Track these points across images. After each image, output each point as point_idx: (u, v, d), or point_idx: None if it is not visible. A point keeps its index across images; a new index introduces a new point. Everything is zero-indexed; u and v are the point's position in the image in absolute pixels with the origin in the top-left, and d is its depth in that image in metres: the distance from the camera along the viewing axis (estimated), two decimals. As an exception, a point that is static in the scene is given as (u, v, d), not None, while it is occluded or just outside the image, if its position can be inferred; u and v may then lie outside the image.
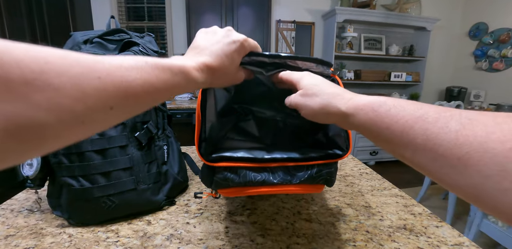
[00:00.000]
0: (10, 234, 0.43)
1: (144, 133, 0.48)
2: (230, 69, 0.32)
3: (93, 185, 0.44)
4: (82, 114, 0.16)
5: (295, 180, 0.36)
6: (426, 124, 0.19)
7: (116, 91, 0.18)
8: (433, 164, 0.19)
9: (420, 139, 0.19)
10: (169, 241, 0.41)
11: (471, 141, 0.16)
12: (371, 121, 0.24)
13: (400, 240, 0.42)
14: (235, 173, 0.36)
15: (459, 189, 0.17)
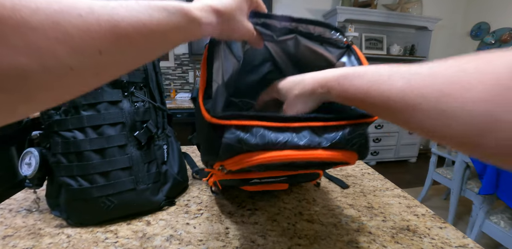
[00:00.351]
0: (8, 234, 0.43)
1: (144, 133, 0.47)
2: (238, 16, 0.29)
3: (92, 185, 0.43)
4: (68, 58, 0.15)
5: (325, 143, 0.29)
6: (379, 85, 0.23)
7: (103, 31, 0.16)
8: (400, 117, 0.22)
9: (378, 100, 0.23)
10: (168, 242, 0.41)
11: (415, 92, 0.20)
12: (341, 94, 0.27)
13: (403, 242, 0.42)
14: (250, 132, 0.28)
15: (421, 130, 0.21)
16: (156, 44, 0.21)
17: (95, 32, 0.16)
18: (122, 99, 0.45)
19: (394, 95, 0.21)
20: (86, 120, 0.43)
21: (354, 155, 0.31)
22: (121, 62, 0.19)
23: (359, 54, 0.37)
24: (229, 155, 0.29)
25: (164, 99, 0.55)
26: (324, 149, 0.29)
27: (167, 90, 2.86)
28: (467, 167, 1.57)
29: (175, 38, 0.23)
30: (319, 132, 0.29)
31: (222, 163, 0.31)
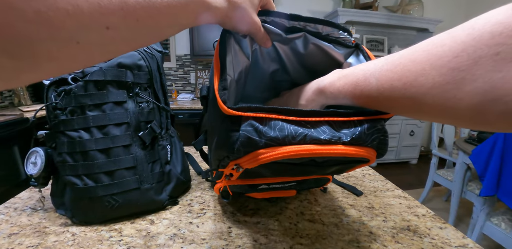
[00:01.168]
0: (13, 232, 0.43)
1: (148, 133, 0.48)
2: (248, 7, 0.29)
3: (97, 184, 0.44)
4: (75, 32, 0.15)
5: (345, 138, 0.28)
6: (359, 87, 0.27)
7: (113, 7, 0.16)
8: (384, 108, 0.27)
9: (361, 98, 0.28)
10: (172, 241, 0.41)
11: (389, 83, 0.24)
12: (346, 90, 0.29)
13: (404, 241, 0.42)
14: (268, 125, 0.26)
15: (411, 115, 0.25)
16: (163, 24, 0.21)
17: (105, 8, 0.16)
18: (127, 99, 0.46)
19: (373, 93, 0.25)
20: (92, 120, 0.44)
21: (374, 152, 0.30)
22: (128, 39, 0.19)
23: (369, 53, 0.37)
24: (247, 149, 0.27)
25: (167, 100, 0.56)
26: (345, 144, 0.28)
27: (169, 91, 2.87)
28: (468, 169, 1.57)
29: (184, 20, 0.23)
30: (338, 127, 0.28)
31: (237, 162, 0.29)
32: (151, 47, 0.53)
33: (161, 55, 0.55)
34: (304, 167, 0.32)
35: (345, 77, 0.29)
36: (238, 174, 0.32)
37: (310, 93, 0.34)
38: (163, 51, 0.56)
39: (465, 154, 1.53)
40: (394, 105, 0.25)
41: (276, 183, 0.43)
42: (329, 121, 0.28)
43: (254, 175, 0.38)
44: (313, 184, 0.48)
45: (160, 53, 0.55)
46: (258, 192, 0.47)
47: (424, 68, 0.20)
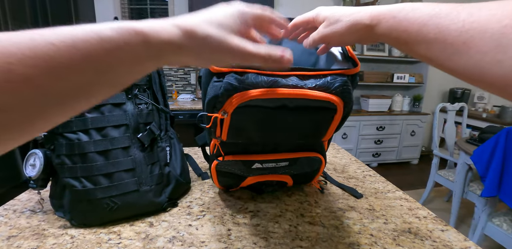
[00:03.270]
0: (12, 234, 0.43)
1: (147, 134, 0.48)
2: (212, 30, 0.22)
3: (96, 186, 0.44)
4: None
5: (310, 84, 0.35)
6: (438, 19, 0.21)
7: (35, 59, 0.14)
8: (442, 54, 0.22)
9: (432, 33, 0.22)
10: (171, 244, 0.41)
11: (475, 26, 0.19)
12: (392, 27, 0.26)
13: (405, 244, 0.42)
14: (245, 76, 0.34)
15: (463, 71, 0.20)
16: (84, 83, 0.17)
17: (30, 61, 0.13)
18: (125, 101, 0.46)
19: (453, 29, 0.20)
20: (90, 122, 0.43)
21: (339, 98, 0.36)
22: (36, 118, 0.16)
23: (348, 48, 0.42)
24: (229, 93, 0.34)
25: (167, 101, 0.55)
26: (310, 88, 0.34)
27: (169, 92, 2.87)
28: (469, 169, 1.56)
29: (116, 69, 0.18)
30: (304, 78, 0.35)
31: (223, 108, 0.36)
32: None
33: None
34: (280, 115, 0.37)
35: (418, 9, 0.24)
36: (226, 126, 0.38)
37: (364, 17, 0.28)
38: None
39: (467, 155, 1.52)
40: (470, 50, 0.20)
41: (269, 162, 0.46)
42: (297, 74, 0.35)
43: (242, 135, 0.41)
44: (306, 165, 0.49)
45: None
46: (253, 175, 0.49)
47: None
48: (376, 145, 2.94)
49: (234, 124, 0.38)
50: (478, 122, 2.66)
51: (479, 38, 0.18)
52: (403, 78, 3.03)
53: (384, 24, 0.26)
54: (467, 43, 0.19)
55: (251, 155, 0.45)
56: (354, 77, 0.38)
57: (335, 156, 0.83)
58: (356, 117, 2.80)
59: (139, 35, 0.19)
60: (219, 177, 0.51)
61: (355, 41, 0.32)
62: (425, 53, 0.23)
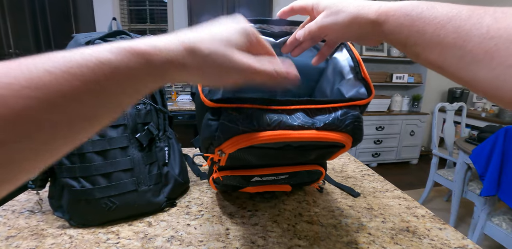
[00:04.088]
0: (11, 235, 0.43)
1: (145, 134, 0.48)
2: (224, 50, 0.21)
3: (94, 186, 0.44)
4: None
5: (318, 123, 0.30)
6: (458, 22, 0.19)
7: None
8: (458, 62, 0.19)
9: (450, 37, 0.19)
10: (169, 243, 0.41)
11: (501, 33, 0.16)
12: (402, 26, 0.23)
13: (403, 243, 0.42)
14: (245, 113, 0.30)
15: (480, 84, 0.18)
16: (84, 111, 0.16)
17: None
18: (124, 101, 0.46)
19: (475, 35, 0.18)
20: (89, 122, 0.43)
21: (349, 137, 0.32)
22: (28, 155, 0.14)
23: (352, 47, 0.40)
24: (226, 136, 0.30)
25: (165, 101, 0.56)
26: (318, 129, 0.30)
27: (168, 92, 2.88)
28: (469, 169, 1.57)
29: (117, 93, 0.17)
30: (312, 114, 0.31)
31: (219, 148, 0.32)
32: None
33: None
34: (284, 152, 0.34)
35: (434, 8, 0.21)
36: (224, 159, 0.34)
37: (371, 11, 0.26)
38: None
39: (466, 154, 1.53)
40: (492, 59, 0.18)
41: (268, 175, 0.44)
42: (304, 108, 0.31)
43: (241, 162, 0.39)
44: (306, 177, 0.48)
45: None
46: (252, 186, 0.48)
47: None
48: (375, 145, 2.95)
49: (233, 157, 0.35)
50: (477, 121, 2.66)
51: (505, 48, 0.16)
52: (402, 78, 3.03)
53: (393, 22, 0.23)
54: (490, 53, 0.17)
55: (251, 170, 0.44)
56: (366, 106, 0.34)
57: (333, 156, 0.83)
58: (356, 117, 2.80)
59: (140, 56, 0.18)
60: (217, 186, 0.50)
61: (355, 38, 0.28)
62: (437, 59, 0.21)
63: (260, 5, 2.59)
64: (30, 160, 0.14)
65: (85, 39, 0.53)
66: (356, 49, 0.40)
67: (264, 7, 2.60)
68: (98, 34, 0.54)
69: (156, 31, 2.83)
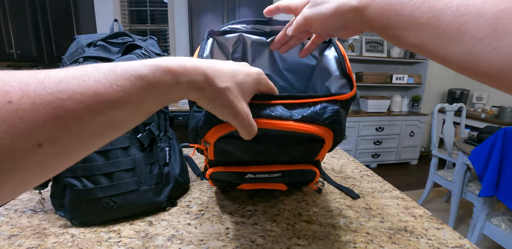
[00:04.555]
0: (13, 234, 0.44)
1: (146, 135, 0.48)
2: (231, 85, 0.25)
3: (96, 186, 0.44)
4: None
5: (297, 116, 0.31)
6: (432, 2, 0.20)
7: (42, 119, 0.13)
8: (434, 41, 0.20)
9: (425, 17, 0.20)
10: (170, 242, 0.42)
11: (469, 10, 0.17)
12: (381, 10, 0.24)
13: (400, 242, 0.42)
14: None
15: (455, 59, 0.19)
16: (122, 118, 0.18)
17: (30, 122, 0.13)
18: (125, 102, 0.47)
19: (447, 14, 0.18)
20: (91, 123, 0.44)
21: (328, 130, 0.32)
22: (73, 149, 0.16)
23: (340, 47, 0.42)
24: (208, 126, 0.32)
25: (166, 102, 0.56)
26: (296, 121, 0.31)
27: (169, 93, 2.88)
28: (468, 169, 1.57)
29: (149, 104, 0.20)
30: (291, 108, 0.32)
31: (204, 138, 0.34)
32: (149, 50, 0.53)
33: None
34: (265, 145, 0.35)
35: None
36: (211, 151, 0.37)
37: (346, 14, 0.27)
38: (162, 54, 0.57)
39: (465, 155, 1.53)
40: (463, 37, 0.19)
41: (261, 173, 0.45)
42: (284, 103, 0.31)
43: (229, 157, 0.40)
44: (299, 176, 0.48)
45: (159, 56, 0.56)
46: (247, 183, 0.49)
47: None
48: (375, 145, 2.95)
49: (219, 149, 0.37)
50: (477, 122, 2.67)
51: (474, 24, 0.17)
52: (402, 79, 3.04)
53: (373, 6, 0.25)
54: (461, 29, 0.18)
55: (243, 166, 0.44)
56: (349, 101, 0.34)
57: (333, 156, 0.84)
58: (355, 118, 2.81)
59: (171, 74, 0.21)
60: (214, 181, 0.51)
61: (339, 27, 0.29)
62: (415, 40, 0.22)
63: (260, 5, 2.59)
64: (72, 150, 0.16)
65: (87, 41, 0.54)
66: (356, 50, 0.41)
67: (264, 7, 2.61)
68: (99, 35, 0.55)
69: (156, 31, 2.84)
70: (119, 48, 0.53)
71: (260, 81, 0.29)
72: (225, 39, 0.44)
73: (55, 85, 0.14)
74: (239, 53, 0.47)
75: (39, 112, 0.13)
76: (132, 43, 0.51)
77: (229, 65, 0.26)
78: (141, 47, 0.52)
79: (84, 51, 0.51)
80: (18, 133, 0.13)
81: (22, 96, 0.13)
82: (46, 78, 0.14)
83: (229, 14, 2.56)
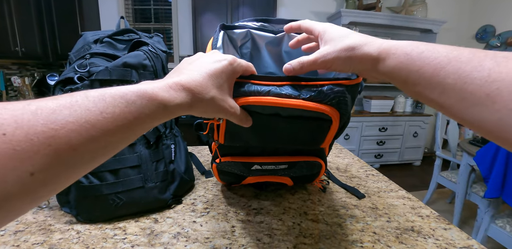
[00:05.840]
0: (19, 229, 0.44)
1: (152, 132, 0.48)
2: (215, 92, 0.27)
3: (102, 183, 0.44)
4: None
5: (305, 95, 0.32)
6: (459, 63, 0.19)
7: (36, 148, 0.14)
8: (460, 103, 0.19)
9: (451, 78, 0.19)
10: (176, 239, 0.42)
11: (503, 77, 0.16)
12: (402, 65, 0.23)
13: (408, 242, 0.42)
14: (239, 85, 0.33)
15: (483, 125, 0.18)
16: (112, 142, 0.19)
17: (24, 152, 0.13)
18: (132, 99, 0.46)
19: (476, 78, 0.17)
20: (97, 119, 0.44)
21: (334, 110, 0.33)
22: (65, 175, 0.16)
23: None
24: None
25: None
26: (304, 99, 0.32)
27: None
28: (472, 171, 1.56)
29: (139, 130, 0.21)
30: (299, 88, 0.33)
31: None
32: (156, 47, 0.53)
33: (166, 55, 0.56)
34: (276, 123, 0.36)
35: (434, 50, 0.21)
36: (222, 131, 0.38)
37: (364, 62, 0.27)
38: (168, 51, 0.57)
39: (470, 156, 1.52)
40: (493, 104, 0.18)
41: (268, 164, 0.46)
42: (292, 84, 0.33)
43: (238, 139, 0.41)
44: (305, 169, 0.48)
45: (165, 53, 0.55)
46: (253, 176, 0.50)
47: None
48: (378, 146, 2.94)
49: (230, 129, 0.38)
50: (481, 123, 2.64)
51: (508, 93, 0.16)
52: (406, 79, 3.01)
53: (394, 60, 0.24)
54: (492, 96, 0.17)
55: (250, 157, 0.45)
56: (354, 87, 0.35)
57: (337, 156, 0.84)
58: (359, 118, 2.80)
59: (159, 101, 0.22)
60: (221, 175, 0.52)
61: (356, 72, 0.30)
62: (437, 99, 0.20)
63: (264, 4, 2.59)
64: (63, 177, 0.17)
65: (93, 37, 0.54)
66: None
67: (268, 6, 2.60)
68: (106, 32, 0.55)
69: (160, 30, 2.84)
70: (125, 45, 0.53)
71: (235, 70, 0.30)
72: (234, 33, 0.45)
73: (47, 115, 0.15)
74: (247, 48, 0.48)
75: (32, 142, 0.14)
76: (138, 40, 0.51)
77: (204, 68, 0.27)
78: (148, 44, 0.52)
79: (90, 47, 0.51)
80: (12, 163, 0.13)
81: (16, 127, 0.13)
82: (38, 109, 0.15)
83: (232, 13, 2.56)
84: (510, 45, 2.83)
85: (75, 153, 0.16)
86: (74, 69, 0.46)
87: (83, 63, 0.46)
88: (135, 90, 0.20)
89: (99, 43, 0.52)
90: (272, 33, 0.46)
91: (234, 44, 0.46)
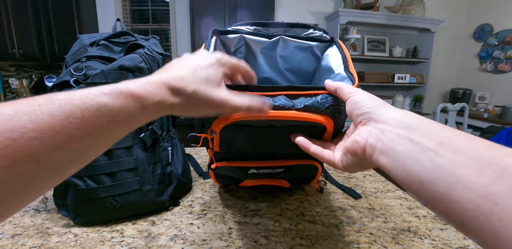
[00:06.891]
0: (16, 233, 0.44)
1: (149, 134, 0.48)
2: (198, 85, 0.24)
3: (99, 185, 0.44)
4: None
5: (299, 105, 0.32)
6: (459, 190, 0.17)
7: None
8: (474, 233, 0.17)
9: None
10: (173, 242, 0.42)
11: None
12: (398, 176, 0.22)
13: (404, 243, 0.42)
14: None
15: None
16: (82, 150, 0.17)
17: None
18: (128, 101, 0.47)
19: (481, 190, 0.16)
20: (94, 122, 0.44)
21: (329, 119, 0.33)
22: (29, 188, 0.15)
23: (342, 45, 0.43)
24: (214, 115, 0.33)
25: (168, 102, 0.56)
26: (298, 110, 0.32)
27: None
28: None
29: (117, 134, 0.19)
30: (293, 98, 0.32)
31: (210, 128, 0.35)
32: (152, 49, 0.53)
33: (162, 57, 0.56)
34: (270, 134, 0.36)
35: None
36: (217, 142, 0.38)
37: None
38: (164, 53, 0.57)
39: (467, 155, 1.52)
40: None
41: (264, 168, 0.46)
42: (286, 94, 0.32)
43: (234, 148, 0.41)
44: (301, 172, 0.49)
45: (161, 55, 0.55)
46: (250, 179, 0.50)
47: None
48: (377, 145, 2.94)
49: (224, 139, 0.38)
50: (480, 122, 2.65)
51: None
52: (404, 78, 3.03)
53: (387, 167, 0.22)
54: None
55: (247, 161, 0.45)
56: None
57: (335, 156, 0.84)
58: (357, 117, 2.80)
59: (135, 99, 0.20)
60: (217, 178, 0.52)
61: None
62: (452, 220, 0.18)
63: (261, 6, 2.59)
64: (27, 190, 0.15)
65: (89, 40, 0.54)
66: (358, 50, 0.41)
67: (266, 8, 2.60)
68: (102, 34, 0.55)
69: (158, 31, 2.84)
70: (121, 47, 0.53)
71: (223, 64, 0.28)
72: (227, 38, 0.45)
73: (4, 123, 0.13)
74: (242, 53, 0.48)
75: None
76: (134, 42, 0.51)
77: (188, 63, 0.25)
78: (144, 47, 0.52)
79: (86, 50, 0.51)
80: None
81: None
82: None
83: (230, 14, 2.56)
84: (508, 44, 2.84)
85: (37, 164, 0.14)
86: (70, 72, 0.46)
87: (79, 66, 0.46)
88: (109, 90, 0.18)
89: (95, 45, 0.52)
90: (267, 37, 0.46)
91: (227, 49, 0.46)
